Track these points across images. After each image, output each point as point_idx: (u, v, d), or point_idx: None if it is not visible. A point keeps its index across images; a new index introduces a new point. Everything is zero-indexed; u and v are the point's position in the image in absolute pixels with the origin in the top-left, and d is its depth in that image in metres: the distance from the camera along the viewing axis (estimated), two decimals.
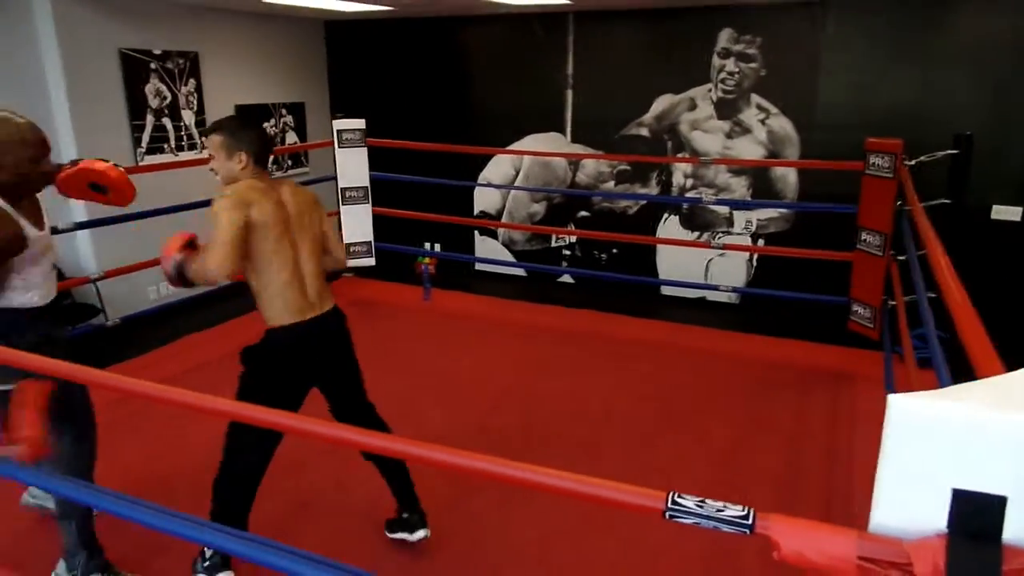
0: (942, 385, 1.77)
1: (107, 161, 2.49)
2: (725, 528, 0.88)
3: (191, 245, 2.27)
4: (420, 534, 2.56)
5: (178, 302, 5.10)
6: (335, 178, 4.95)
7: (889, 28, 4.82)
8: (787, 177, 5.36)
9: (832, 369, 4.07)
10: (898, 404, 0.78)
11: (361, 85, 6.63)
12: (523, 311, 5.23)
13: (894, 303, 3.71)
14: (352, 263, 5.07)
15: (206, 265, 2.10)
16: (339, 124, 4.79)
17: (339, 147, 4.81)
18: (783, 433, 3.37)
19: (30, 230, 2.16)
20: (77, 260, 4.80)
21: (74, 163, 2.47)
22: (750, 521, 0.86)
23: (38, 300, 2.25)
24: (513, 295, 5.69)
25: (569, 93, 5.92)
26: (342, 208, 4.91)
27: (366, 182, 4.90)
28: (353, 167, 4.84)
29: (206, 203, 4.24)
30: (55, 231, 2.76)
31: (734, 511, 0.87)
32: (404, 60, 6.42)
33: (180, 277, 2.21)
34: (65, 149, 4.60)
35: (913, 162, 3.65)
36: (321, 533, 2.67)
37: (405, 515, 2.58)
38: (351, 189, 4.86)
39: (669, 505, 0.90)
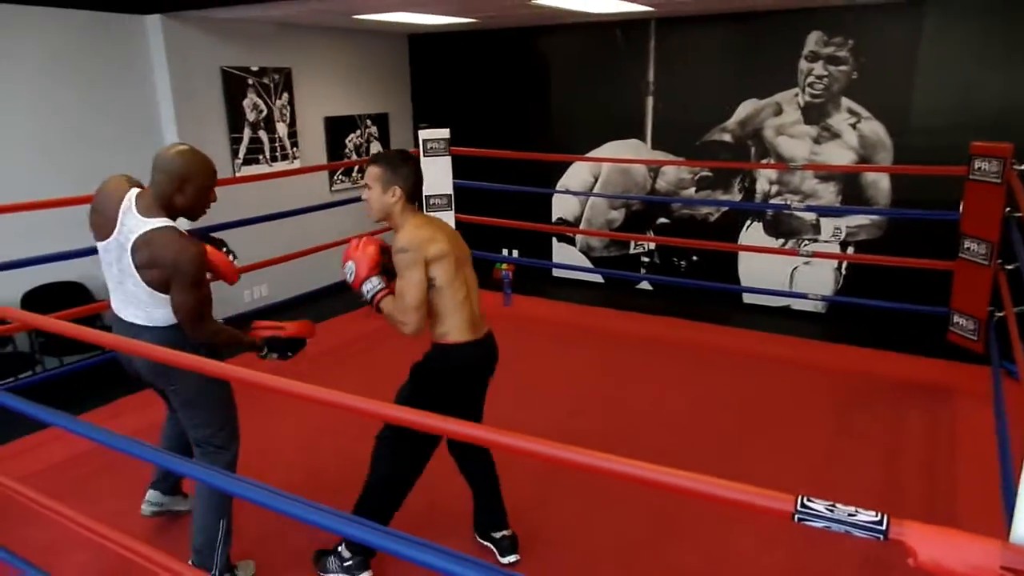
0: None
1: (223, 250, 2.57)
2: (857, 533, 0.87)
3: (384, 270, 2.36)
4: (510, 559, 2.60)
5: (273, 304, 5.36)
6: None
7: (991, 26, 4.60)
8: (879, 183, 5.17)
9: (929, 383, 3.89)
10: None
11: (443, 96, 6.79)
12: (603, 317, 5.22)
13: (1001, 315, 3.53)
14: None
15: (404, 327, 2.23)
16: (424, 134, 4.93)
17: (424, 156, 4.94)
18: (878, 447, 3.25)
19: None
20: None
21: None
22: (884, 527, 0.86)
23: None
24: (591, 302, 5.69)
25: (650, 99, 5.89)
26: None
27: (450, 190, 5.02)
28: (437, 175, 4.97)
29: (300, 211, 4.43)
30: None
31: (867, 516, 0.87)
32: (485, 70, 6.54)
33: (370, 302, 2.35)
34: None
35: (1023, 167, 3.46)
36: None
37: (496, 535, 2.64)
38: (435, 197, 4.99)
39: (798, 508, 0.90)
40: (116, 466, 3.15)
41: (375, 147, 6.48)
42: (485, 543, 2.69)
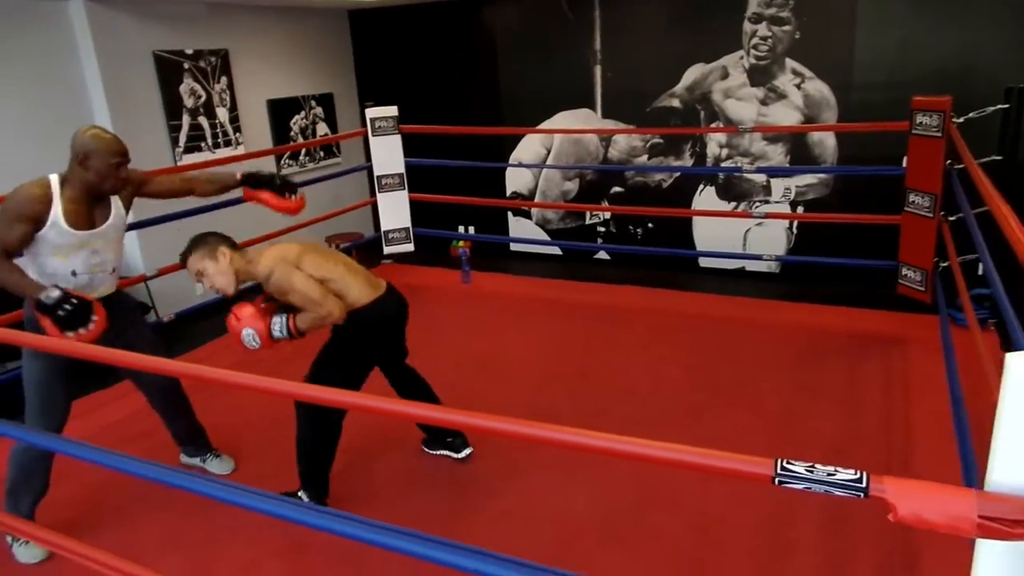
0: (1018, 345, 1.75)
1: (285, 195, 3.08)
2: (838, 492, 0.88)
3: (273, 310, 2.56)
4: (467, 452, 2.96)
5: (222, 299, 5.20)
6: (369, 166, 4.99)
7: None
8: (825, 142, 5.26)
9: (882, 334, 4.01)
10: (1018, 362, 0.78)
11: (388, 73, 6.64)
12: (562, 290, 5.23)
13: (945, 265, 3.65)
14: (390, 250, 5.13)
15: (331, 315, 2.47)
16: (372, 112, 4.81)
17: (373, 135, 4.84)
18: (836, 399, 3.34)
19: (60, 223, 2.36)
20: (126, 259, 4.90)
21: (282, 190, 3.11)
22: (864, 484, 0.87)
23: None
24: (549, 274, 5.69)
25: (598, 69, 5.86)
26: (379, 196, 4.96)
27: (401, 168, 4.93)
28: (388, 155, 4.88)
29: (241, 200, 4.27)
30: None
31: (846, 475, 0.88)
32: (429, 45, 6.41)
33: (289, 335, 2.50)
34: None
35: (962, 119, 3.56)
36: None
37: (449, 439, 2.98)
38: (387, 177, 4.90)
39: (778, 471, 0.91)
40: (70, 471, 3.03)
41: (321, 128, 6.32)
42: (438, 453, 3.02)
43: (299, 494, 2.69)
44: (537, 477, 2.89)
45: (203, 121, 5.24)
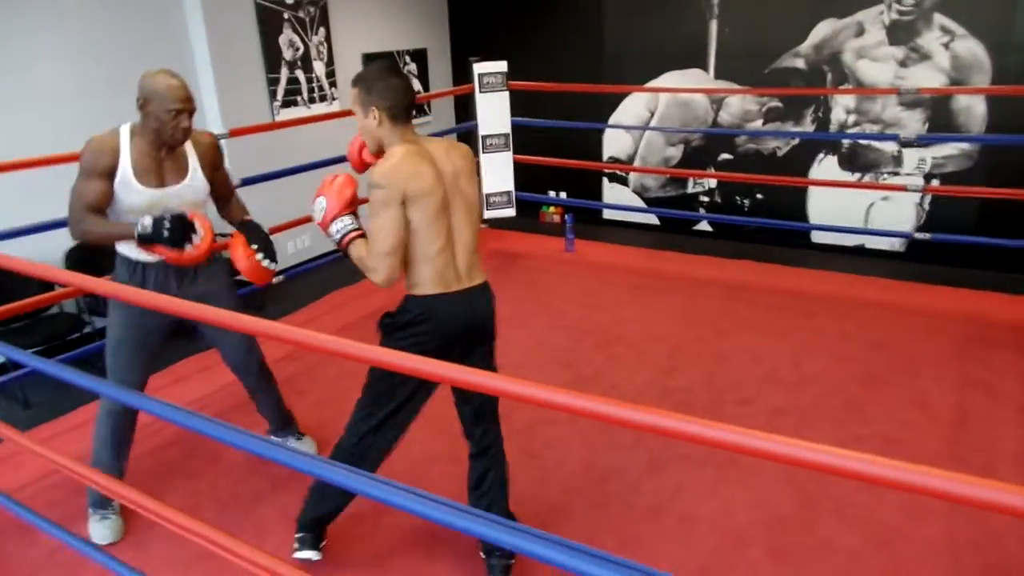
0: None
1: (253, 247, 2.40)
2: None
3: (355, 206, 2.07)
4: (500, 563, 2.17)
5: (319, 257, 5.08)
6: (474, 126, 4.72)
7: None
8: (973, 108, 4.73)
9: None
10: None
11: (482, 28, 6.31)
12: (675, 262, 4.89)
13: None
14: (491, 215, 4.88)
15: (373, 275, 1.92)
16: (480, 67, 4.52)
17: (480, 92, 4.55)
18: (1013, 401, 2.97)
19: (129, 178, 2.21)
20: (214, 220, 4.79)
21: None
22: None
23: (135, 255, 2.31)
24: (646, 245, 5.35)
25: (713, 24, 5.41)
26: (483, 157, 4.69)
27: (508, 128, 4.65)
28: (494, 113, 4.59)
29: (339, 159, 4.02)
30: None
31: None
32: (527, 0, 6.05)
33: (336, 241, 2.04)
34: (209, 110, 4.54)
35: None
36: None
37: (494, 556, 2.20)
38: (492, 136, 4.63)
39: None
40: (186, 439, 2.93)
41: (414, 85, 6.06)
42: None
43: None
44: (684, 474, 2.63)
45: (300, 75, 5.04)
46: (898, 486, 0.90)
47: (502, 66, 4.57)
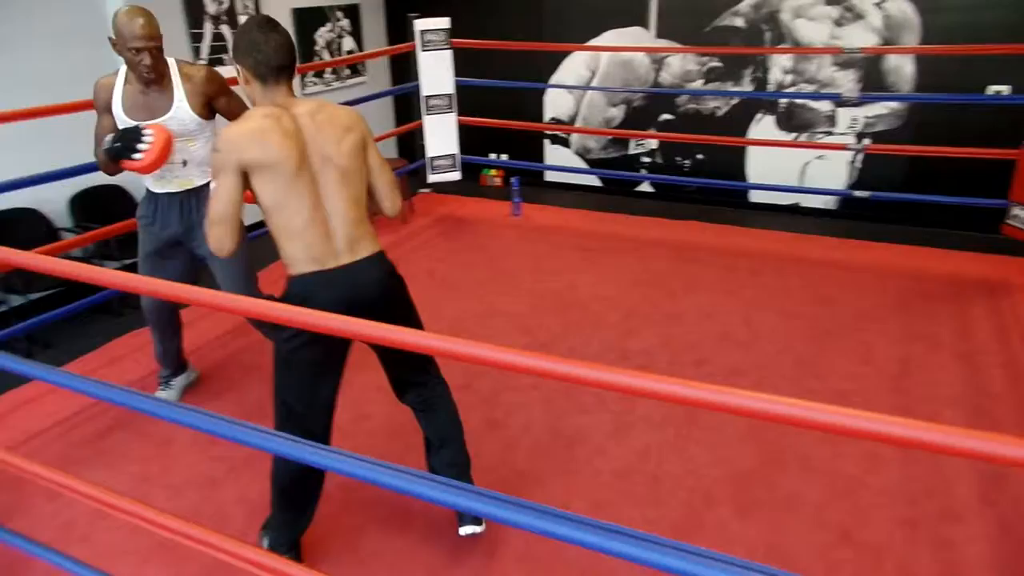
0: None
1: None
2: None
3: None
4: (469, 530, 2.10)
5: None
6: (415, 87, 4.54)
7: None
8: (902, 68, 4.88)
9: (986, 278, 3.76)
10: None
11: None
12: (624, 224, 4.89)
13: None
14: (436, 178, 4.74)
15: (208, 235, 1.80)
16: (421, 24, 4.33)
17: (422, 50, 4.37)
18: (950, 349, 3.12)
19: (119, 111, 2.42)
20: None
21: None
22: None
23: (152, 186, 2.58)
24: (588, 206, 5.34)
25: None
26: (425, 119, 4.53)
27: (452, 89, 4.49)
28: (438, 72, 4.43)
29: None
30: None
31: None
32: None
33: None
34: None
35: None
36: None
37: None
38: (435, 97, 4.47)
39: None
40: (128, 420, 2.75)
41: (348, 43, 5.78)
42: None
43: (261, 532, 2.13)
44: (649, 435, 2.65)
45: (225, 31, 4.72)
46: (860, 434, 0.96)
47: (444, 23, 4.40)
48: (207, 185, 2.57)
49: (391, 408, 2.52)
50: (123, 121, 2.42)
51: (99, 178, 3.90)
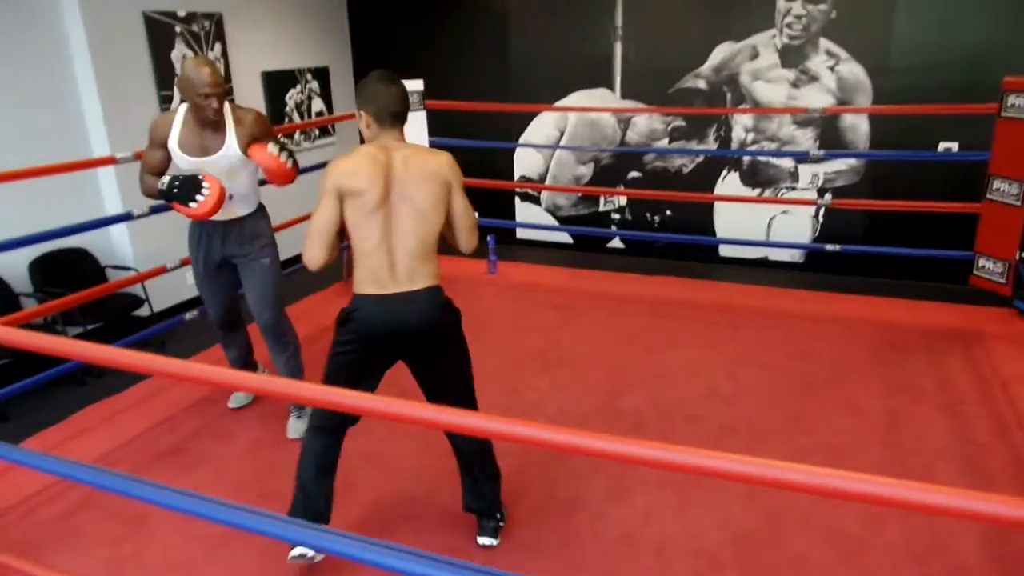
0: None
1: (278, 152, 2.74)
2: None
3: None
4: (487, 540, 2.34)
5: None
6: None
7: None
8: (858, 127, 5.10)
9: (957, 329, 3.84)
10: None
11: (384, 47, 6.14)
12: (595, 280, 4.89)
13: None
14: None
15: (304, 248, 2.07)
16: None
17: None
18: (933, 400, 3.16)
19: (175, 148, 2.68)
20: (112, 250, 4.34)
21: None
22: None
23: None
24: (560, 263, 5.35)
25: (618, 45, 5.54)
26: None
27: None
28: (412, 133, 4.42)
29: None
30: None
31: None
32: (429, 17, 5.94)
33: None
34: (94, 127, 4.11)
35: None
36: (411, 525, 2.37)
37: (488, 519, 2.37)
38: None
39: None
40: (97, 498, 2.57)
41: (317, 104, 5.79)
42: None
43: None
44: (648, 497, 2.59)
45: None
46: (865, 499, 0.98)
47: (418, 85, 4.44)
48: (250, 215, 2.89)
49: None
50: (178, 156, 2.68)
51: (61, 241, 3.80)
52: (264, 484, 2.70)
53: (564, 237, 6.13)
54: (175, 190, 2.59)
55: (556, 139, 5.92)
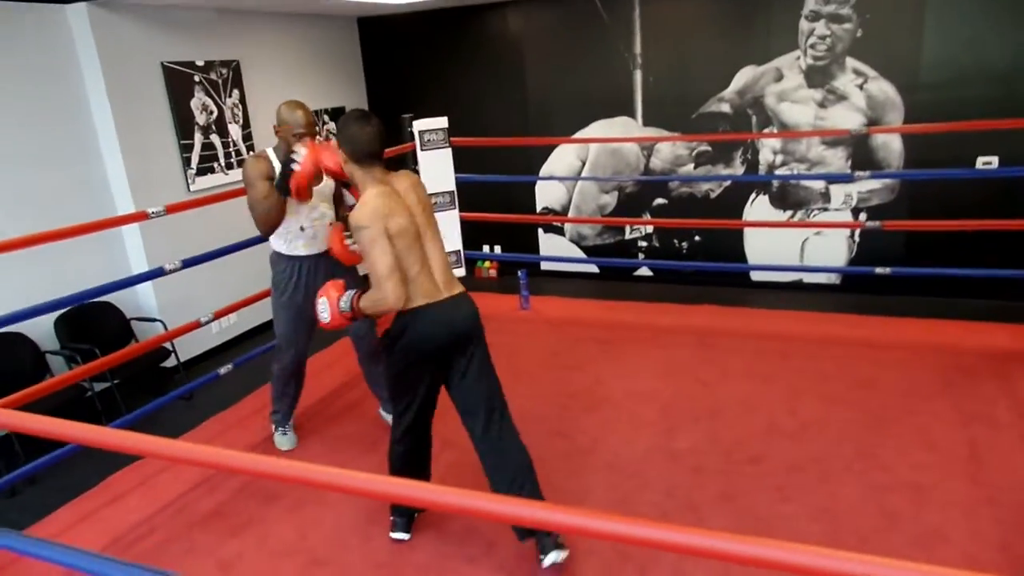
0: None
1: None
2: None
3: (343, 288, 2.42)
4: (553, 558, 2.30)
5: (245, 331, 4.66)
6: None
7: None
8: (890, 145, 4.98)
9: (1014, 350, 3.67)
10: None
11: (400, 85, 6.10)
12: (632, 311, 4.75)
13: None
14: None
15: (385, 300, 2.17)
16: (420, 124, 4.29)
17: (421, 150, 4.31)
18: (1013, 429, 2.97)
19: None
20: (137, 302, 4.24)
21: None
22: None
23: (284, 248, 3.01)
24: (588, 294, 5.21)
25: (638, 73, 5.47)
26: None
27: (452, 186, 4.42)
28: (438, 171, 4.35)
29: (257, 240, 3.58)
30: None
31: None
32: (445, 54, 5.90)
33: (348, 310, 2.30)
34: (115, 179, 4.04)
35: None
36: None
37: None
38: (438, 195, 4.37)
39: None
40: None
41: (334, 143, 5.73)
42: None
43: None
44: None
45: (215, 139, 4.61)
46: None
47: (442, 122, 4.36)
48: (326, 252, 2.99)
49: None
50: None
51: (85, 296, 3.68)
52: (311, 548, 2.54)
53: (590, 267, 6.00)
54: (285, 170, 2.74)
55: (578, 169, 5.83)
